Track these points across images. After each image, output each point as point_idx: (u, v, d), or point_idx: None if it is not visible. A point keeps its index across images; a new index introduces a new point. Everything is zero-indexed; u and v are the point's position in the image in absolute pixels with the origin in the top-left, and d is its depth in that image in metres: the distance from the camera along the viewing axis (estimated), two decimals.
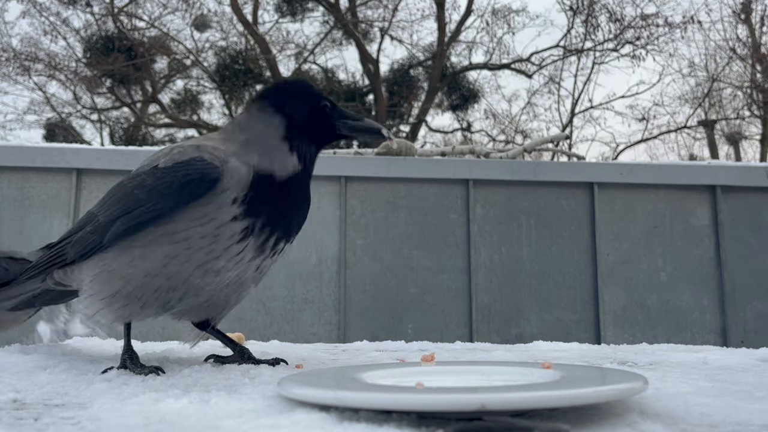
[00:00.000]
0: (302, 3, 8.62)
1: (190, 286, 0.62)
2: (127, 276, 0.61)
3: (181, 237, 0.59)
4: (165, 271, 0.60)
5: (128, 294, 0.62)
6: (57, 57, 8.36)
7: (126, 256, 0.61)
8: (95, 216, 0.65)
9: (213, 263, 0.61)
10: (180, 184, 0.59)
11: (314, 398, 0.41)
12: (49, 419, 0.40)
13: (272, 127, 0.64)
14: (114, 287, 0.62)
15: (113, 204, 0.64)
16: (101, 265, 0.62)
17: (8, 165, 1.67)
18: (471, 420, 0.37)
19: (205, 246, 0.59)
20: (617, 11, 8.33)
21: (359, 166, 1.79)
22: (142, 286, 0.61)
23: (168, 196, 0.59)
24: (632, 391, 0.41)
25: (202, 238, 0.59)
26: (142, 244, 0.60)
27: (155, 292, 0.62)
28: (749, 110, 9.07)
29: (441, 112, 9.67)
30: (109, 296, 0.62)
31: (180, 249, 0.59)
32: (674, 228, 1.83)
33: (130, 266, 0.61)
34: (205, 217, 0.59)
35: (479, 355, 0.84)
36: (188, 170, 0.59)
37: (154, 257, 0.60)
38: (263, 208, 0.61)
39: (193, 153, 0.62)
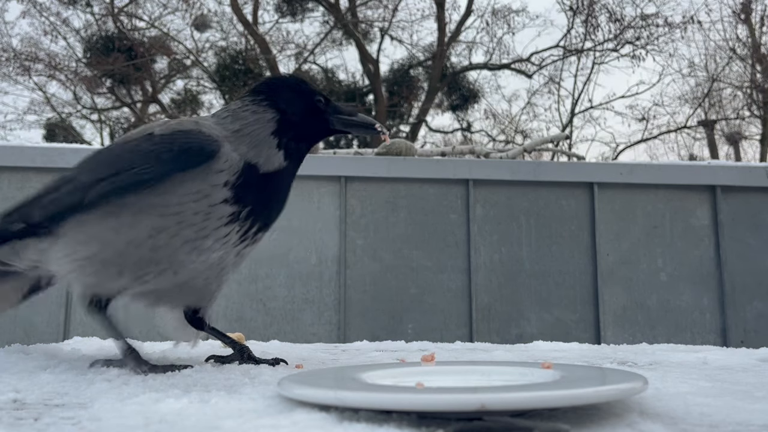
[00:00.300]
0: (302, 3, 8.62)
1: (174, 261, 0.61)
2: (108, 241, 0.59)
3: (173, 210, 0.58)
4: (151, 242, 0.59)
5: (104, 260, 0.59)
6: (57, 57, 8.37)
7: (110, 221, 0.59)
8: (73, 179, 0.62)
9: (201, 241, 0.60)
10: (179, 150, 0.58)
11: (314, 398, 0.41)
12: (49, 419, 0.40)
13: (264, 121, 0.64)
14: (91, 250, 0.59)
15: (99, 165, 0.62)
16: (79, 228, 0.60)
17: (8, 165, 1.67)
18: (471, 420, 0.37)
19: (197, 222, 0.59)
20: (617, 11, 8.33)
21: (359, 166, 1.79)
22: (123, 254, 0.59)
23: (165, 161, 0.57)
24: (632, 391, 0.41)
25: (195, 214, 0.59)
26: (131, 212, 0.58)
27: (135, 263, 0.60)
28: (749, 110, 9.07)
29: (441, 112, 9.68)
30: (84, 258, 0.60)
31: (171, 222, 0.58)
32: (674, 228, 1.83)
33: (113, 231, 0.59)
34: (199, 193, 0.59)
35: (479, 355, 0.84)
36: (188, 138, 0.59)
37: (142, 227, 0.58)
38: (249, 196, 0.62)
39: (192, 126, 0.62)
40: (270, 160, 0.63)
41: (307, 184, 1.76)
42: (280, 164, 0.64)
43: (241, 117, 0.65)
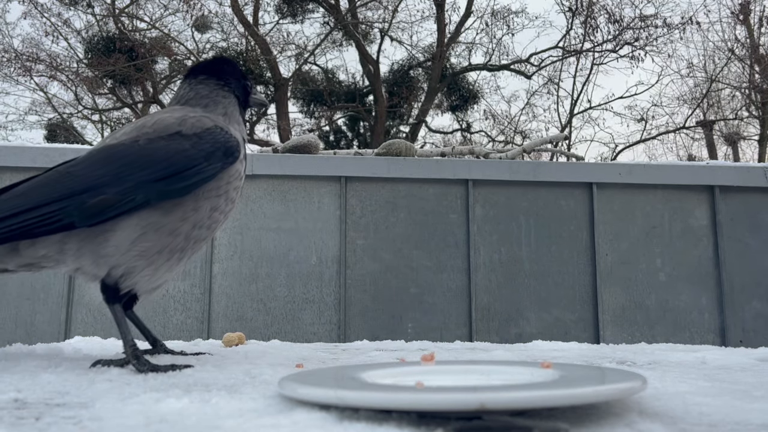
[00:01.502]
0: (302, 4, 8.63)
1: (213, 232, 0.71)
2: (178, 230, 0.65)
3: (222, 191, 0.69)
4: (208, 221, 0.68)
5: (173, 248, 0.66)
6: (58, 58, 8.36)
7: (178, 212, 0.65)
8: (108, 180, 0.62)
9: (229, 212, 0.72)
10: (226, 147, 0.68)
11: (314, 397, 0.41)
12: (50, 419, 0.41)
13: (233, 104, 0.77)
14: (163, 243, 0.65)
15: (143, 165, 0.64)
16: (145, 224, 0.63)
17: (10, 165, 1.67)
18: (470, 419, 0.37)
19: (234, 197, 0.71)
20: (616, 12, 8.34)
21: (359, 166, 1.80)
22: (188, 237, 0.67)
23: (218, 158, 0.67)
24: (631, 391, 0.41)
25: (235, 189, 0.71)
26: (194, 199, 0.66)
27: (195, 243, 0.68)
28: (747, 111, 9.08)
29: (441, 113, 9.68)
30: (157, 252, 0.65)
31: (222, 201, 0.69)
32: (673, 228, 1.83)
33: (181, 220, 0.65)
34: (237, 173, 0.71)
35: (479, 354, 0.84)
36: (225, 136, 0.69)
37: (203, 209, 0.67)
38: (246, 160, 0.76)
39: (209, 123, 0.70)
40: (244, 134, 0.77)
41: (307, 184, 1.76)
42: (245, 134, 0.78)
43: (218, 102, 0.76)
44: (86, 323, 1.62)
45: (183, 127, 0.67)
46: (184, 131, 0.67)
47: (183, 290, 1.69)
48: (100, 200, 0.62)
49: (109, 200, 0.62)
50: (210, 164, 0.66)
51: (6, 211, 0.63)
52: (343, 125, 9.68)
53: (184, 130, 0.67)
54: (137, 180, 0.63)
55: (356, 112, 9.06)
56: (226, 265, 1.71)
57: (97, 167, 0.65)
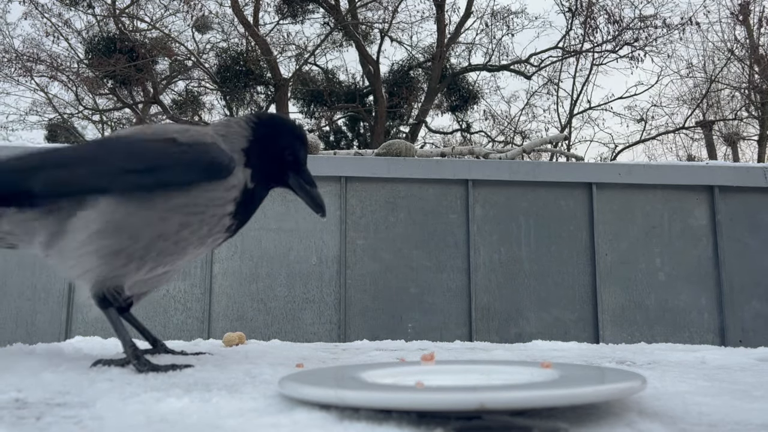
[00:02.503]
0: (303, 4, 8.63)
1: (184, 252, 0.66)
2: (139, 235, 0.61)
3: (199, 210, 0.64)
4: (176, 236, 0.64)
5: (132, 253, 0.62)
6: (59, 58, 8.36)
7: (144, 215, 0.61)
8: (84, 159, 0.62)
9: (206, 238, 0.67)
10: (209, 162, 0.64)
11: (315, 397, 0.41)
12: (51, 418, 0.41)
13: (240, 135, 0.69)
14: (121, 244, 0.61)
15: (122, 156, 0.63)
16: (108, 219, 0.60)
17: None
18: (470, 419, 0.37)
19: (211, 223, 0.66)
20: (616, 13, 8.34)
21: (359, 166, 1.80)
22: (149, 246, 0.62)
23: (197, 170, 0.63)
24: (631, 391, 0.41)
25: (213, 216, 0.65)
26: (165, 208, 0.62)
27: (157, 254, 0.63)
28: (747, 111, 9.08)
29: (440, 113, 9.68)
30: (113, 253, 0.61)
31: (195, 220, 0.64)
32: (672, 228, 1.83)
33: (146, 226, 0.61)
34: (221, 199, 0.65)
35: (479, 354, 0.84)
36: (216, 153, 0.65)
37: (173, 222, 0.63)
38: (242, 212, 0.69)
39: (210, 139, 0.67)
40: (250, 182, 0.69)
41: None
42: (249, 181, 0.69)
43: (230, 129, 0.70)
44: (87, 323, 1.62)
45: (180, 135, 0.65)
46: (179, 139, 0.65)
47: (183, 290, 1.69)
48: (65, 174, 0.61)
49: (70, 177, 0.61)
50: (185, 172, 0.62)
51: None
52: (343, 125, 9.68)
53: (179, 138, 0.65)
54: (108, 166, 0.61)
55: (356, 112, 9.06)
56: (227, 264, 1.71)
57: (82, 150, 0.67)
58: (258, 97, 9.15)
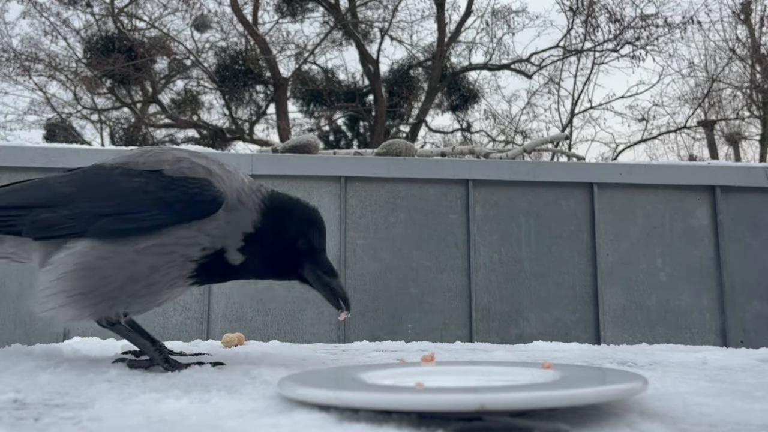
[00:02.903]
0: (302, 3, 8.62)
1: (157, 294, 0.64)
2: (109, 277, 0.61)
3: (167, 250, 0.61)
4: (147, 279, 0.62)
5: (103, 294, 0.61)
6: (57, 57, 8.37)
7: (114, 258, 0.60)
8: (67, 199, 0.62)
9: (177, 280, 0.64)
10: (189, 201, 0.60)
11: (314, 398, 0.41)
12: (49, 419, 0.40)
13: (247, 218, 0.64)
14: (92, 285, 0.60)
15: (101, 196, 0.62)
16: (79, 262, 0.60)
17: (8, 165, 1.67)
18: (471, 420, 0.37)
19: (179, 264, 0.63)
20: (617, 12, 8.34)
21: (359, 166, 1.79)
22: (121, 288, 0.61)
23: (174, 211, 0.60)
24: (632, 391, 0.41)
25: (181, 257, 0.62)
26: (135, 250, 0.60)
27: (129, 296, 0.62)
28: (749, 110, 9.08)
29: (441, 113, 9.68)
30: (82, 294, 0.61)
31: (164, 261, 0.62)
32: (674, 228, 1.83)
33: (116, 269, 0.60)
34: (192, 239, 0.62)
35: (479, 355, 0.84)
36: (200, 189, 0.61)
37: (143, 265, 0.61)
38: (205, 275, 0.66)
39: (205, 174, 0.63)
40: (232, 255, 0.65)
41: (307, 184, 1.76)
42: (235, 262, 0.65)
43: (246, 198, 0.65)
44: (85, 324, 1.62)
45: (171, 166, 0.63)
46: (166, 171, 0.62)
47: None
48: (46, 217, 0.62)
49: (53, 219, 0.61)
50: (159, 214, 0.60)
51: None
52: (342, 125, 9.68)
53: (167, 170, 0.62)
54: (87, 208, 0.61)
55: (356, 111, 9.06)
56: None
57: (69, 185, 0.65)
58: (257, 97, 9.15)
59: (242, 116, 9.23)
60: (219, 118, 9.35)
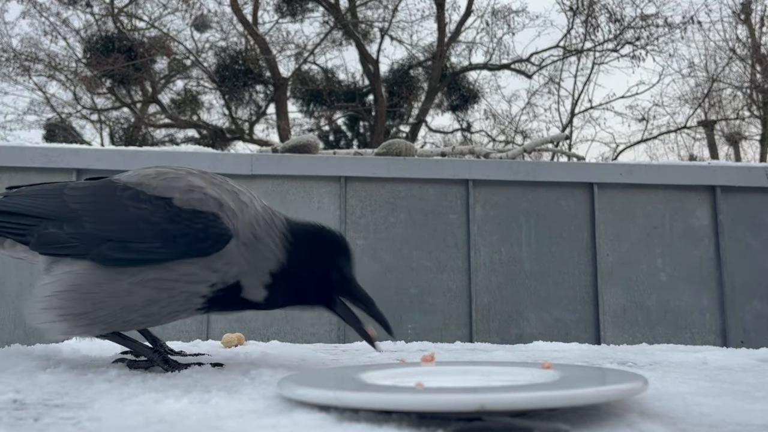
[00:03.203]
0: (302, 3, 8.63)
1: (154, 322, 0.64)
2: (103, 304, 0.60)
3: (168, 285, 0.60)
4: (143, 311, 0.61)
5: (95, 318, 0.60)
6: (57, 57, 8.37)
7: (109, 286, 0.59)
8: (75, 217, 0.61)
9: (177, 314, 0.64)
10: (193, 237, 0.58)
11: (314, 398, 0.41)
12: (49, 419, 0.40)
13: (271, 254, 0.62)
14: (84, 308, 0.60)
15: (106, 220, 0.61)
16: (74, 283, 0.59)
17: (8, 165, 1.67)
18: (471, 420, 0.37)
19: (181, 300, 0.61)
20: (617, 12, 8.34)
21: (359, 166, 1.79)
22: (115, 315, 0.61)
23: (177, 245, 0.58)
24: (632, 392, 0.41)
25: (183, 293, 0.61)
26: (131, 282, 0.59)
27: (123, 323, 0.62)
28: (749, 110, 9.08)
29: (441, 113, 9.69)
30: (73, 315, 0.60)
31: (164, 296, 0.60)
32: (674, 228, 1.83)
33: (110, 296, 0.59)
34: (195, 276, 0.60)
35: (479, 355, 0.84)
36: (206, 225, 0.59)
37: (139, 297, 0.60)
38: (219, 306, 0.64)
39: (212, 208, 0.60)
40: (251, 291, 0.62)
41: (307, 184, 1.76)
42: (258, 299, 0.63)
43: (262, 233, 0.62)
44: None
45: (181, 196, 0.60)
46: (175, 201, 0.60)
47: None
48: (53, 233, 0.61)
49: (58, 236, 0.60)
50: (160, 248, 0.58)
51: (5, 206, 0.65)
52: (342, 125, 9.68)
53: (176, 199, 0.60)
54: (91, 230, 0.60)
55: (356, 111, 9.06)
56: None
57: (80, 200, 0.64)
58: (257, 97, 9.15)
59: (242, 116, 9.24)
60: (219, 118, 9.36)
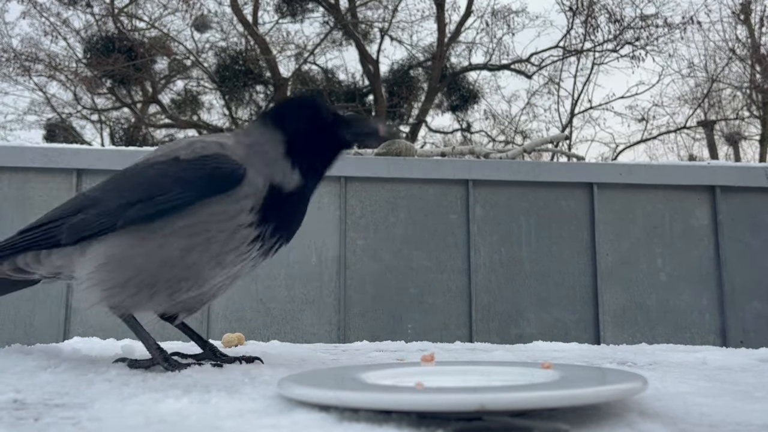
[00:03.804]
0: (302, 3, 8.63)
1: (200, 276, 0.64)
2: (142, 265, 0.61)
3: (201, 228, 0.61)
4: (182, 262, 0.62)
5: (139, 283, 0.62)
6: (57, 57, 8.36)
7: (143, 246, 0.61)
8: (98, 200, 0.65)
9: (224, 256, 0.64)
10: (208, 176, 0.61)
11: (314, 398, 0.41)
12: (49, 419, 0.40)
13: (274, 143, 0.66)
14: (126, 275, 0.62)
15: (126, 189, 0.64)
16: (110, 254, 0.62)
17: (8, 165, 1.67)
18: (471, 420, 0.37)
19: (221, 240, 0.63)
20: (617, 12, 8.34)
21: (359, 166, 1.79)
22: (156, 275, 0.62)
23: (196, 187, 0.61)
24: (632, 391, 0.41)
25: (221, 232, 0.62)
26: (162, 234, 0.61)
27: (167, 282, 0.63)
28: (748, 111, 9.08)
29: (441, 113, 9.68)
30: (119, 285, 0.62)
31: (200, 240, 0.62)
32: (674, 228, 1.83)
33: (146, 256, 0.61)
34: (225, 213, 0.62)
35: (479, 355, 0.84)
36: (218, 164, 0.62)
37: (173, 248, 0.61)
38: (273, 217, 0.65)
39: (218, 149, 0.64)
40: (287, 179, 0.66)
41: None
42: (297, 183, 0.66)
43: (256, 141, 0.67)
44: (85, 324, 1.62)
45: (185, 151, 0.65)
46: (182, 156, 0.64)
47: None
48: (80, 220, 0.64)
49: (87, 220, 0.63)
50: (182, 192, 0.60)
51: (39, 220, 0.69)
52: None
53: (183, 155, 0.64)
54: (114, 203, 0.63)
55: (356, 111, 9.06)
56: None
57: (97, 189, 0.68)
58: (257, 97, 9.15)
59: (242, 116, 9.24)
60: (219, 118, 9.36)
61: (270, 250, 0.67)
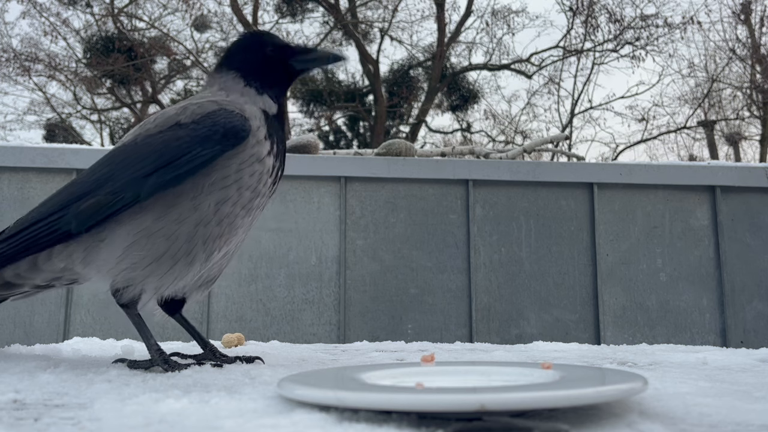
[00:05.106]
0: (302, 3, 8.63)
1: (233, 228, 0.65)
2: (175, 233, 0.60)
3: (232, 179, 0.62)
4: (216, 217, 0.62)
5: (175, 253, 0.60)
6: (57, 57, 8.37)
7: (173, 212, 0.60)
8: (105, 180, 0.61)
9: (253, 201, 0.66)
10: (225, 130, 0.62)
11: (314, 398, 0.41)
12: (49, 419, 0.40)
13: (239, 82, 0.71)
14: (159, 250, 0.60)
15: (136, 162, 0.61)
16: (138, 230, 0.59)
17: (8, 165, 1.67)
18: (471, 420, 0.37)
19: (252, 184, 0.65)
20: (617, 12, 8.34)
21: (359, 167, 1.79)
22: (193, 238, 0.61)
23: (216, 141, 0.61)
24: (632, 392, 0.41)
25: (251, 176, 0.64)
26: (193, 195, 0.60)
27: (204, 243, 0.62)
28: (749, 111, 9.08)
29: (441, 113, 9.69)
30: (154, 262, 0.60)
31: (233, 191, 0.63)
32: (674, 228, 1.83)
33: (178, 221, 0.60)
34: (253, 156, 0.64)
35: (479, 355, 0.84)
36: (227, 116, 0.63)
37: (206, 205, 0.61)
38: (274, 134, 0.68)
39: (214, 106, 0.66)
40: (268, 106, 0.70)
41: (307, 184, 1.76)
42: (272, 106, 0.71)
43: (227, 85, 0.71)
44: (85, 324, 1.62)
45: (182, 116, 0.64)
46: (182, 120, 0.63)
47: None
48: (92, 203, 0.60)
49: (100, 201, 0.60)
50: (205, 149, 0.60)
51: (23, 223, 0.65)
52: (342, 125, 9.68)
53: (182, 119, 0.63)
54: (129, 177, 0.60)
55: (356, 112, 9.06)
56: None
57: (96, 171, 0.64)
58: None
59: None
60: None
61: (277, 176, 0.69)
